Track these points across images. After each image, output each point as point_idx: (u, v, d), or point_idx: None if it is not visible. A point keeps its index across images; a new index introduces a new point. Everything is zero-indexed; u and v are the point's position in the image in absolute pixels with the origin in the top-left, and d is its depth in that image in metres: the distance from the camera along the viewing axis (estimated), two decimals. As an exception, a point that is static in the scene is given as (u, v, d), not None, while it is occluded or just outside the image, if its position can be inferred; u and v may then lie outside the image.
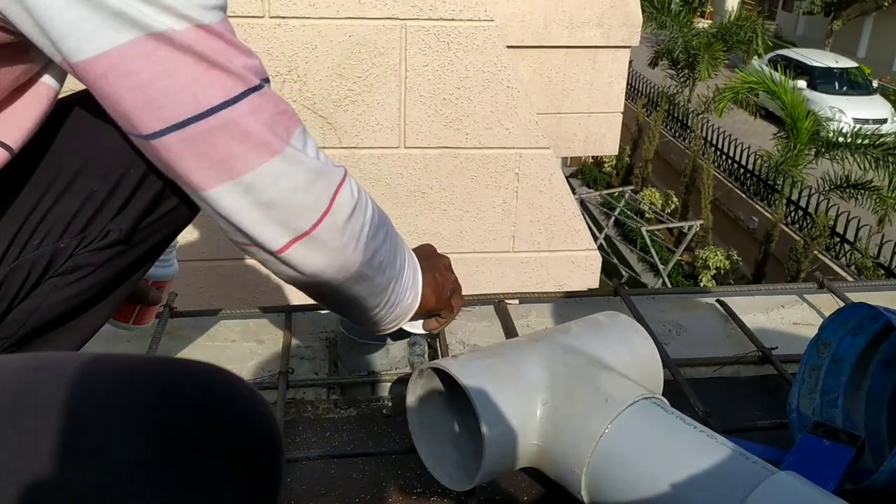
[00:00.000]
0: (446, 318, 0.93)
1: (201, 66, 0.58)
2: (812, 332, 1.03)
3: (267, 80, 0.64)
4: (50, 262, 0.66)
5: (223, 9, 0.61)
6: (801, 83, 12.31)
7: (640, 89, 13.95)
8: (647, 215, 10.27)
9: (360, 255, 0.71)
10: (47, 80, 0.64)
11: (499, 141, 2.26)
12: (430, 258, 0.92)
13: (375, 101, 2.09)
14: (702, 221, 9.50)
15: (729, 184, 10.33)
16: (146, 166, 0.67)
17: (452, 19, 2.07)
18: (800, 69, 13.82)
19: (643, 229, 9.14)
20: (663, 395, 0.89)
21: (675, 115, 12.36)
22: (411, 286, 0.82)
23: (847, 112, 12.84)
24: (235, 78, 0.60)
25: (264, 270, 1.32)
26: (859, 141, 8.81)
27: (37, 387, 0.49)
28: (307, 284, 0.72)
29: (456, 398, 0.91)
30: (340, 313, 0.82)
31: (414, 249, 0.94)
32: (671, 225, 9.82)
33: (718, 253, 9.12)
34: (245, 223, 0.65)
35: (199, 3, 0.57)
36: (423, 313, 0.90)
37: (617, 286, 1.31)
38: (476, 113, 2.19)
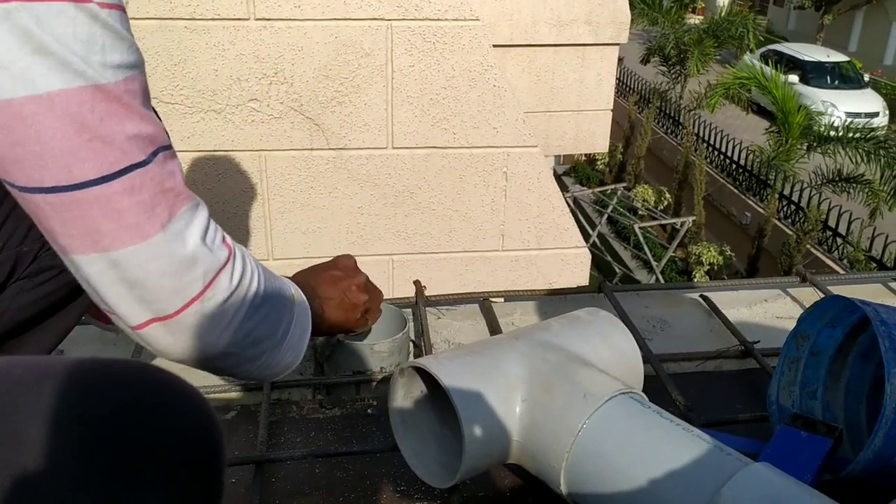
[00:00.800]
0: (358, 332, 0.96)
1: (81, 136, 0.54)
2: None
3: (165, 148, 0.60)
4: (14, 265, 0.66)
5: (132, 66, 0.56)
6: (793, 78, 12.36)
7: (632, 86, 13.97)
8: (640, 212, 10.29)
9: (227, 339, 0.67)
10: None
11: (486, 140, 2.27)
12: (341, 281, 0.90)
13: (362, 102, 2.10)
14: (694, 217, 9.52)
15: (721, 179, 10.36)
16: None
17: (438, 19, 2.08)
18: (791, 64, 13.87)
19: (636, 226, 9.15)
20: (646, 390, 0.90)
21: (667, 111, 12.39)
22: (294, 345, 0.77)
23: (839, 106, 12.89)
24: (119, 152, 0.56)
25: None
26: (851, 135, 8.84)
27: None
28: (166, 358, 0.68)
29: (437, 396, 0.91)
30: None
31: (329, 262, 0.94)
32: (664, 221, 9.83)
33: (711, 249, 9.14)
34: (105, 294, 0.61)
35: (100, 60, 0.53)
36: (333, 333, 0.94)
37: (601, 282, 1.31)
38: (463, 112, 2.20)
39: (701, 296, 1.33)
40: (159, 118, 0.64)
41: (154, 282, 0.60)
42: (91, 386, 0.49)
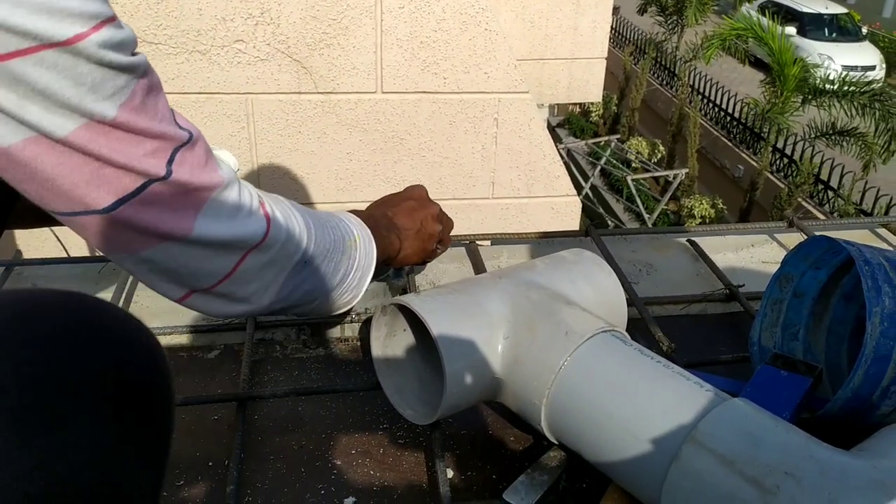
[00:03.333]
0: (427, 261, 1.04)
1: (91, 166, 0.53)
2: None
3: (184, 144, 0.58)
4: None
5: (129, 81, 0.54)
6: (791, 30, 12.23)
7: (628, 37, 13.80)
8: (633, 164, 10.25)
9: (268, 300, 0.72)
10: None
11: (477, 85, 2.23)
12: (416, 211, 0.96)
13: (351, 45, 2.06)
14: (687, 170, 9.50)
15: (715, 132, 10.31)
16: None
17: (428, -42, 2.03)
18: (790, 15, 13.72)
19: (629, 178, 9.14)
20: (630, 331, 0.90)
21: (663, 62, 12.26)
22: (353, 287, 0.84)
23: (836, 59, 12.80)
24: (133, 174, 0.55)
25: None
26: (846, 88, 8.78)
27: None
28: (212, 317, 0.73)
29: (420, 335, 0.91)
30: None
31: (403, 192, 1.01)
32: (657, 174, 9.81)
33: (704, 201, 9.15)
34: (142, 279, 0.65)
35: (92, 98, 0.51)
36: (408, 263, 1.02)
37: (588, 227, 1.31)
38: (454, 56, 2.16)
39: (688, 240, 1.33)
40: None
41: (186, 268, 0.64)
42: (26, 320, 0.46)
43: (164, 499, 0.82)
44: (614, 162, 10.08)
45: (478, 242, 1.29)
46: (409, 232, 0.96)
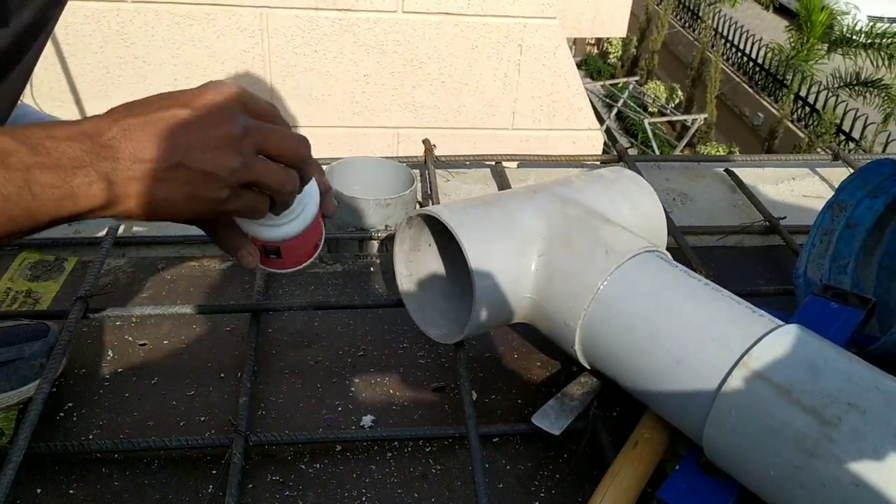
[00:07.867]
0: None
1: None
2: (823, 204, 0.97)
3: None
4: None
5: None
6: (819, -25, 11.81)
7: (652, -24, 13.37)
8: (650, 109, 10.05)
9: None
10: None
11: (502, 8, 2.13)
12: (183, 132, 0.50)
13: (372, -42, 1.96)
14: (706, 115, 9.31)
15: (737, 77, 10.06)
16: None
17: None
18: (819, -40, 13.25)
19: (645, 121, 8.96)
20: (665, 257, 0.84)
21: (686, 4, 11.90)
22: None
23: (862, 9, 12.40)
24: None
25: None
26: (874, 40, 8.52)
27: None
28: None
29: (447, 249, 0.86)
30: None
31: (188, 92, 0.53)
32: (674, 118, 9.62)
33: (720, 149, 8.98)
34: None
35: None
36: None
37: (621, 151, 1.24)
38: (479, -24, 2.06)
39: (725, 170, 1.26)
40: None
41: None
42: None
43: (174, 407, 0.78)
44: (632, 105, 9.87)
45: (504, 164, 1.23)
46: (149, 168, 0.50)
